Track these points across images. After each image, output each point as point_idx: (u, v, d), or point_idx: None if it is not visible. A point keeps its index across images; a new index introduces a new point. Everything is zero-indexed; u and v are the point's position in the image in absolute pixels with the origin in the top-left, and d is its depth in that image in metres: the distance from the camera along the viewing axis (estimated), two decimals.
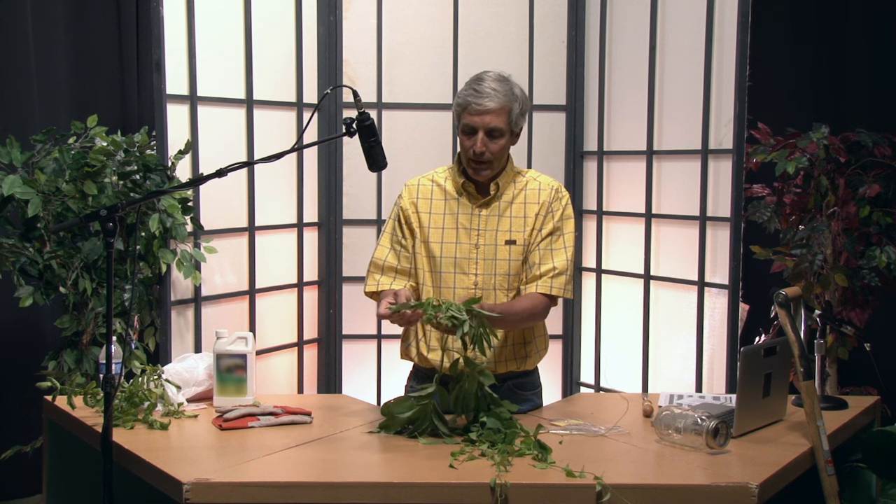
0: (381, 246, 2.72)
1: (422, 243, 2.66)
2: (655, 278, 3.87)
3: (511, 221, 2.65)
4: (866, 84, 4.42)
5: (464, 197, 2.66)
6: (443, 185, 2.69)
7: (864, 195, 3.89)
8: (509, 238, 2.64)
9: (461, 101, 2.57)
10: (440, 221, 2.66)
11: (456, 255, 2.63)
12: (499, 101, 2.54)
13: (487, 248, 2.64)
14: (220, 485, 2.07)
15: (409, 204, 2.68)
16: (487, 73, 2.61)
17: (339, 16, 4.00)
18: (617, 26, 4.00)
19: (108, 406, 2.13)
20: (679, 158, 3.78)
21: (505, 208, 2.66)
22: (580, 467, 2.10)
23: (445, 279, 2.63)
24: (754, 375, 2.44)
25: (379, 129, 3.86)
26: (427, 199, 2.68)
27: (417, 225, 2.67)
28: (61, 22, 4.04)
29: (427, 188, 2.70)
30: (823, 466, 2.28)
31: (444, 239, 2.64)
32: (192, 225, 3.47)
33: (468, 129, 2.56)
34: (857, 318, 3.89)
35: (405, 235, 2.68)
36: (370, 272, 2.71)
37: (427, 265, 2.66)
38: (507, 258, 2.64)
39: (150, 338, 3.44)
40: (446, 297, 2.59)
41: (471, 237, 2.64)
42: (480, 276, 2.63)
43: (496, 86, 2.55)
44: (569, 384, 4.14)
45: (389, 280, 2.67)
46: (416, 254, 2.66)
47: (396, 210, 2.71)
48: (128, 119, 4.18)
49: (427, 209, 2.67)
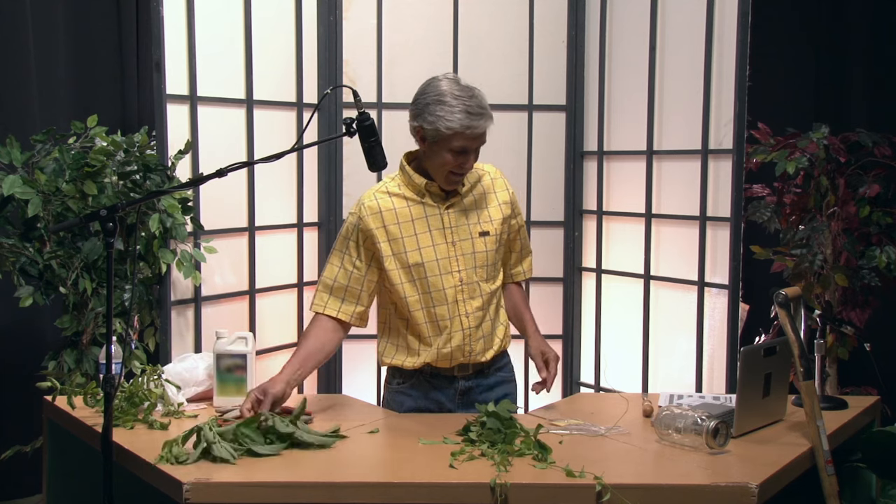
0: (330, 265, 2.70)
1: (394, 257, 2.63)
2: (655, 278, 3.87)
3: (478, 214, 2.68)
4: (866, 84, 4.42)
5: (426, 197, 2.66)
6: (400, 192, 2.67)
7: (864, 195, 3.89)
8: (481, 230, 2.67)
9: (452, 125, 2.50)
10: (411, 228, 2.63)
11: (437, 256, 2.63)
12: (489, 118, 2.55)
13: (464, 243, 2.65)
14: (220, 485, 2.07)
15: (371, 223, 2.63)
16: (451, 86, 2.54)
17: (339, 16, 4.00)
18: (617, 26, 4.00)
19: (108, 406, 2.13)
20: (679, 158, 3.78)
21: (468, 202, 2.68)
22: (580, 467, 2.10)
23: (433, 283, 2.63)
24: (754, 375, 2.44)
25: (379, 129, 3.85)
26: (391, 210, 2.64)
27: (385, 240, 2.62)
28: (61, 22, 4.04)
29: (387, 200, 2.66)
30: (823, 466, 2.28)
31: (421, 244, 2.63)
32: (192, 225, 3.47)
33: (461, 150, 2.53)
34: (857, 318, 3.90)
35: (360, 257, 2.65)
36: (318, 291, 2.70)
37: (405, 276, 2.63)
38: (483, 249, 2.67)
39: (150, 338, 3.44)
40: (437, 300, 2.63)
41: (445, 236, 2.64)
42: (463, 271, 2.65)
43: (478, 101, 2.53)
44: (569, 384, 4.14)
45: (337, 302, 2.66)
46: (386, 270, 2.63)
47: (352, 229, 2.66)
48: (128, 119, 4.19)
49: (394, 220, 2.64)
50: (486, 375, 2.76)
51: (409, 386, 2.73)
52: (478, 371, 2.74)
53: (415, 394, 2.73)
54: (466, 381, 2.73)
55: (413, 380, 2.73)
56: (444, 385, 2.72)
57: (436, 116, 2.52)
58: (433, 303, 2.63)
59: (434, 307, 2.64)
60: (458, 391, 2.73)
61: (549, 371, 2.66)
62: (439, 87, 2.55)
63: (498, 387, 2.78)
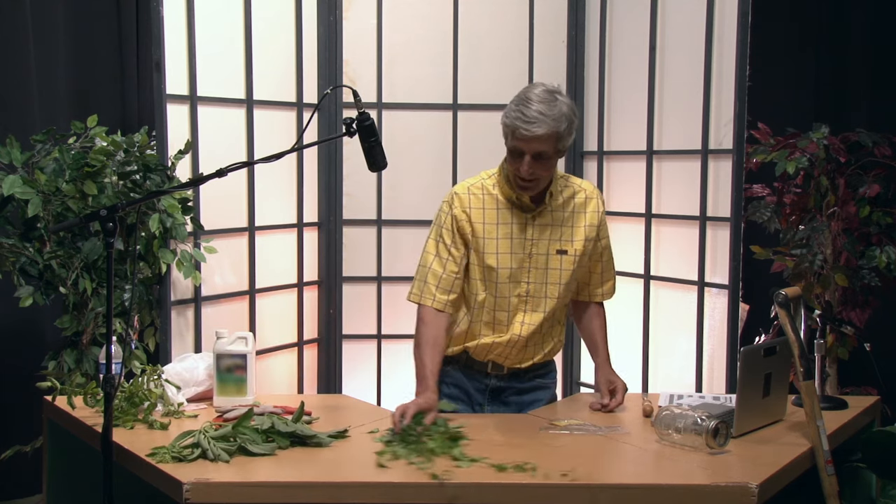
0: (426, 253, 2.66)
1: (475, 253, 2.63)
2: (655, 278, 3.87)
3: (561, 231, 2.65)
4: (866, 84, 4.42)
5: (516, 206, 2.64)
6: (493, 192, 2.64)
7: (864, 195, 3.89)
8: (560, 248, 2.65)
9: (508, 122, 2.50)
10: (494, 232, 2.63)
11: (511, 265, 2.63)
12: (546, 128, 2.46)
13: (539, 257, 2.64)
14: (221, 485, 2.07)
15: (461, 213, 2.63)
16: (535, 90, 2.51)
17: (339, 16, 4.00)
18: (617, 26, 4.00)
19: (108, 406, 2.13)
20: (679, 158, 3.78)
21: (556, 217, 2.65)
22: (580, 467, 2.10)
23: (501, 289, 2.64)
24: (754, 375, 2.44)
25: (379, 129, 3.86)
26: (480, 209, 2.63)
27: (471, 234, 2.63)
28: (61, 22, 4.04)
29: (478, 197, 2.64)
30: (823, 466, 2.28)
31: (499, 250, 2.63)
32: (192, 225, 3.47)
33: (516, 151, 2.51)
34: (857, 318, 3.90)
35: (456, 244, 2.63)
36: (427, 283, 2.63)
37: (479, 274, 2.64)
38: (558, 268, 2.65)
39: (150, 338, 3.44)
40: (500, 305, 2.64)
41: (524, 247, 2.63)
42: (532, 284, 2.65)
43: (543, 108, 2.46)
44: (569, 384, 4.14)
45: (444, 296, 2.62)
46: (469, 263, 2.64)
47: (446, 217, 2.65)
48: (128, 119, 4.18)
49: (480, 219, 2.63)
50: (521, 379, 2.75)
51: (443, 373, 2.70)
52: (513, 374, 2.74)
53: (448, 380, 2.71)
54: (499, 381, 2.73)
55: (449, 366, 2.72)
56: (475, 377, 2.72)
57: (506, 113, 2.53)
58: (496, 306, 2.65)
59: (496, 311, 2.65)
60: (488, 388, 2.73)
61: (616, 400, 2.64)
62: (528, 90, 2.54)
63: (531, 392, 2.77)
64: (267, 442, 2.28)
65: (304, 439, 2.31)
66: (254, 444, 2.25)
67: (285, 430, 2.30)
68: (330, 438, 2.32)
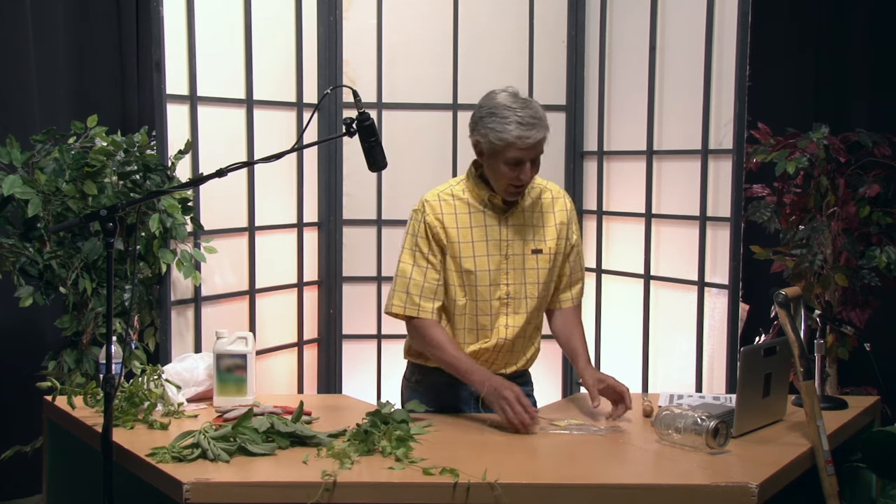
0: (416, 266, 2.62)
1: (452, 258, 2.63)
2: (655, 278, 3.87)
3: (534, 231, 2.66)
4: (866, 84, 4.42)
5: (488, 208, 2.64)
6: (464, 197, 2.65)
7: (864, 195, 3.90)
8: (535, 247, 2.66)
9: (504, 136, 2.47)
10: (468, 235, 2.62)
11: (489, 267, 2.62)
12: (543, 129, 2.50)
13: (516, 258, 2.64)
14: (220, 485, 2.07)
15: (434, 219, 2.62)
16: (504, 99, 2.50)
17: (339, 16, 4.00)
18: (617, 26, 4.00)
19: (108, 406, 2.13)
20: (679, 158, 3.78)
21: (527, 217, 2.66)
22: (580, 467, 2.10)
23: (481, 292, 2.63)
24: (754, 375, 2.44)
25: (379, 129, 3.86)
26: (452, 214, 2.63)
27: (446, 240, 2.62)
28: (61, 22, 4.04)
29: (449, 203, 2.64)
30: (823, 466, 2.28)
31: (476, 253, 2.62)
32: (192, 225, 3.47)
33: (515, 161, 2.51)
34: (857, 318, 3.90)
35: (433, 251, 2.62)
36: (409, 293, 2.61)
37: (458, 280, 2.63)
38: (535, 267, 2.66)
39: (150, 338, 3.44)
40: (482, 310, 2.63)
41: (500, 248, 2.63)
42: (511, 285, 2.64)
43: (530, 112, 2.48)
44: (569, 384, 4.14)
45: (430, 304, 2.61)
46: (447, 270, 2.63)
47: (418, 226, 2.63)
48: (128, 119, 4.18)
49: (454, 224, 2.62)
50: None
51: (426, 386, 2.71)
52: None
53: (429, 394, 2.70)
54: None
55: (432, 377, 2.70)
56: (458, 386, 2.67)
57: (489, 129, 2.50)
58: (478, 311, 2.64)
59: (477, 315, 2.64)
60: (472, 394, 2.69)
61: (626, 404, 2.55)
62: (494, 100, 2.53)
63: None
64: (267, 442, 2.28)
65: (303, 439, 2.31)
66: (254, 444, 2.25)
67: (285, 430, 2.30)
68: (330, 438, 2.32)
